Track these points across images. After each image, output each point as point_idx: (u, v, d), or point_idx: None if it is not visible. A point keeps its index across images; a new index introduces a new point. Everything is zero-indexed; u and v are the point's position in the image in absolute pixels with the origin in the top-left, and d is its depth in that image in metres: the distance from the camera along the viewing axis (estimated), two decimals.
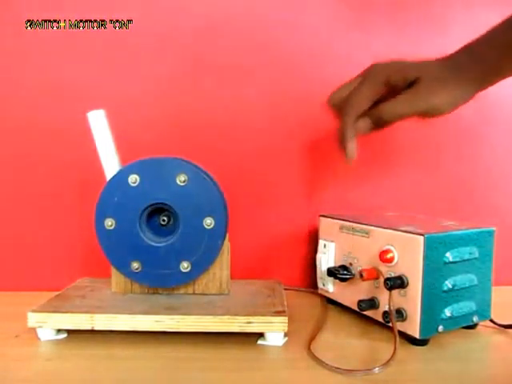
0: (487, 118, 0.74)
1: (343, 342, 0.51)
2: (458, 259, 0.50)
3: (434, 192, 0.74)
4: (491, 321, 0.54)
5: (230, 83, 0.70)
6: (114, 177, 0.53)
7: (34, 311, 0.49)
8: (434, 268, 0.48)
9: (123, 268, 0.53)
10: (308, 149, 0.72)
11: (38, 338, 0.50)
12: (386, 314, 0.50)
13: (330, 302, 0.63)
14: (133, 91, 0.69)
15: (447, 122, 0.72)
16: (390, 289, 0.48)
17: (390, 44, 0.71)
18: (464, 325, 0.52)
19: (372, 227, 0.54)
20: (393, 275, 0.50)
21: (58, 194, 0.69)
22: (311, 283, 0.70)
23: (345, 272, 0.56)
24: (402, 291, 0.49)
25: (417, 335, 0.48)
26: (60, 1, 0.67)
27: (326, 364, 0.44)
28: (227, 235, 0.54)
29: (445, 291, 0.49)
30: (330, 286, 0.62)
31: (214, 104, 0.70)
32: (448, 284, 0.49)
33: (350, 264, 0.57)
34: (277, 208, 0.72)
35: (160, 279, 0.53)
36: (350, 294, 0.58)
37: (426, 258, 0.48)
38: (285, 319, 0.49)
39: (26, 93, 0.68)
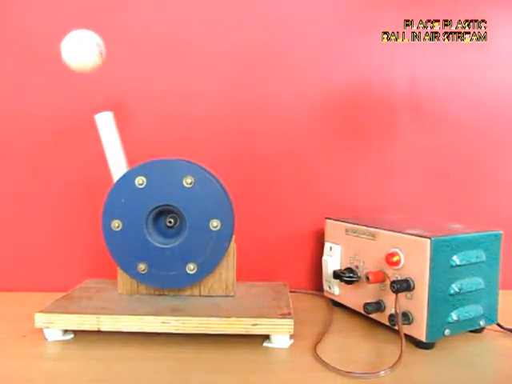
0: (494, 122, 0.73)
1: (349, 345, 0.51)
2: (464, 262, 0.49)
3: (440, 195, 0.73)
4: (498, 325, 0.54)
5: (236, 86, 0.70)
6: (121, 178, 0.53)
7: (41, 312, 0.50)
8: (441, 271, 0.48)
9: (130, 269, 0.53)
10: (314, 151, 0.72)
11: (45, 339, 0.50)
12: (392, 317, 0.50)
13: (336, 304, 0.63)
14: (140, 94, 0.69)
15: (453, 125, 0.73)
16: (396, 292, 0.48)
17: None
18: (471, 329, 0.52)
19: (378, 230, 0.54)
20: (399, 278, 0.50)
21: (65, 195, 0.70)
22: (317, 286, 0.70)
23: (351, 275, 0.56)
24: (409, 294, 0.49)
25: (423, 338, 0.48)
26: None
27: (332, 367, 0.44)
28: (233, 237, 0.54)
29: (451, 294, 0.49)
30: (335, 289, 0.61)
31: (219, 107, 0.70)
32: (455, 287, 0.49)
33: (356, 267, 0.57)
34: (283, 210, 0.72)
35: (166, 281, 0.53)
36: (355, 297, 0.58)
37: (432, 261, 0.47)
38: (291, 321, 0.49)
39: (32, 94, 0.69)
